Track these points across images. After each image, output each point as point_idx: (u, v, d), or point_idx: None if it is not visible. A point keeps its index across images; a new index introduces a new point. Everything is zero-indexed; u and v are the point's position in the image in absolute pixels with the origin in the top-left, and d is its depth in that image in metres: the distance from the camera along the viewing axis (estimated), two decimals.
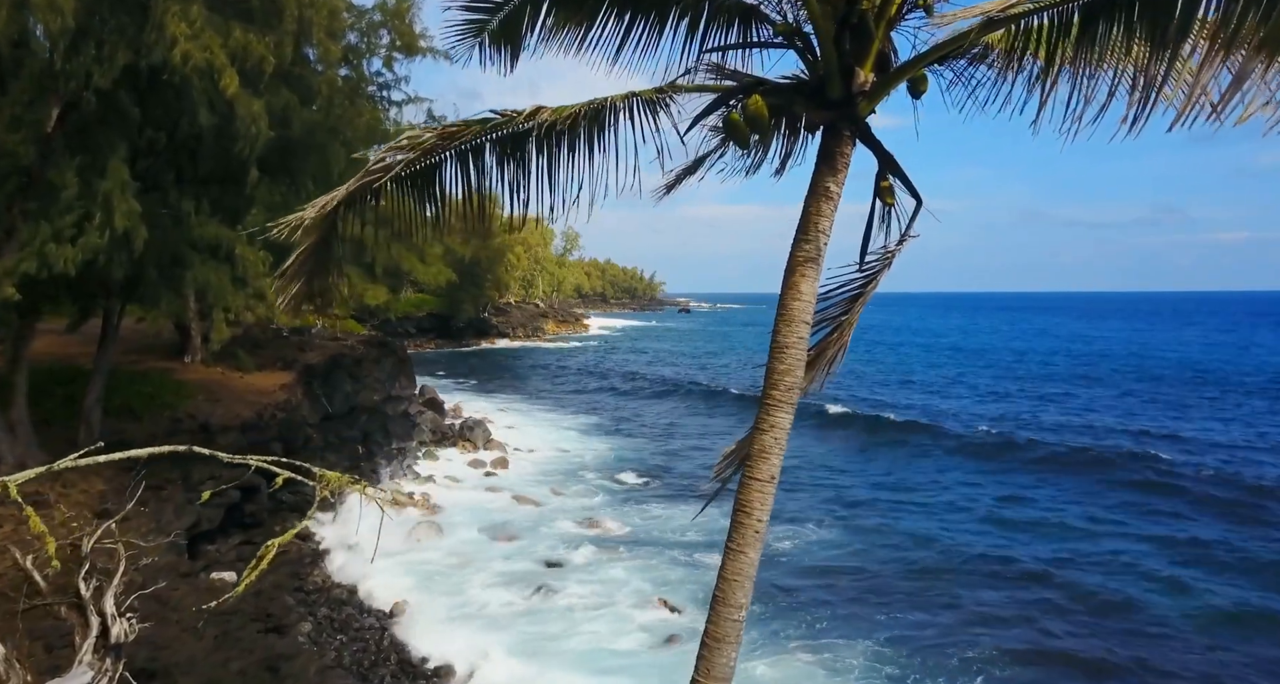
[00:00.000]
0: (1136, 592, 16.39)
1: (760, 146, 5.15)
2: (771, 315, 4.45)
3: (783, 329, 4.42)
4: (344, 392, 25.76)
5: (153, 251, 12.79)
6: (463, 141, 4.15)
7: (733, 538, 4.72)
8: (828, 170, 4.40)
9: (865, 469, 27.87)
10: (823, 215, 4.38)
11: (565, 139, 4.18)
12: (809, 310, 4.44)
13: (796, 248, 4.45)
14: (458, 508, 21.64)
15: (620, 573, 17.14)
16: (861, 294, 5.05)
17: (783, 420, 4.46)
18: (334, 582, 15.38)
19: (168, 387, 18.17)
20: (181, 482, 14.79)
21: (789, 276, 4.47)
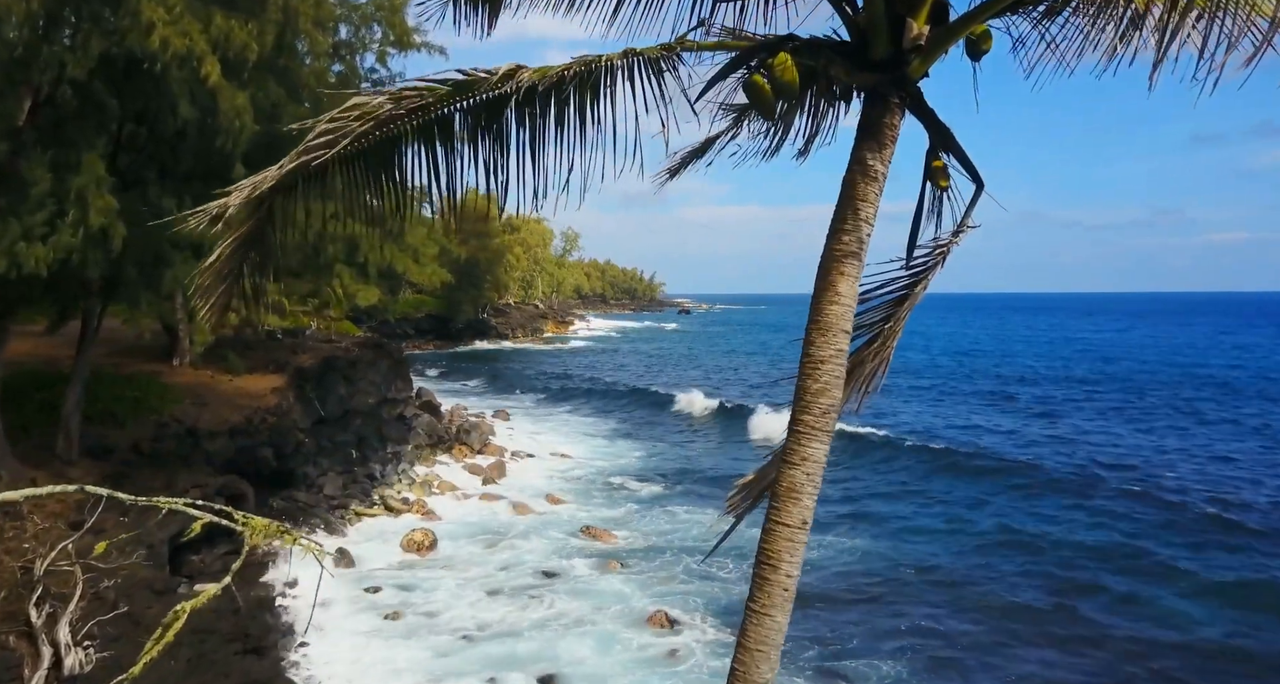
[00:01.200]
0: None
1: (784, 120, 4.47)
2: (772, 316, 3.91)
3: (816, 339, 3.75)
4: (338, 395, 25.24)
5: (133, 250, 12.24)
6: (425, 111, 3.43)
7: (755, 598, 3.97)
8: (871, 146, 3.75)
9: (884, 485, 27.33)
10: (866, 200, 3.72)
11: (551, 109, 3.51)
12: (848, 316, 3.78)
13: (833, 240, 3.80)
14: (451, 515, 21.11)
15: (618, 585, 16.59)
16: (908, 296, 4.34)
17: (817, 451, 3.80)
18: (310, 604, 14.71)
19: (154, 390, 17.63)
20: (164, 490, 14.22)
21: (824, 275, 3.82)
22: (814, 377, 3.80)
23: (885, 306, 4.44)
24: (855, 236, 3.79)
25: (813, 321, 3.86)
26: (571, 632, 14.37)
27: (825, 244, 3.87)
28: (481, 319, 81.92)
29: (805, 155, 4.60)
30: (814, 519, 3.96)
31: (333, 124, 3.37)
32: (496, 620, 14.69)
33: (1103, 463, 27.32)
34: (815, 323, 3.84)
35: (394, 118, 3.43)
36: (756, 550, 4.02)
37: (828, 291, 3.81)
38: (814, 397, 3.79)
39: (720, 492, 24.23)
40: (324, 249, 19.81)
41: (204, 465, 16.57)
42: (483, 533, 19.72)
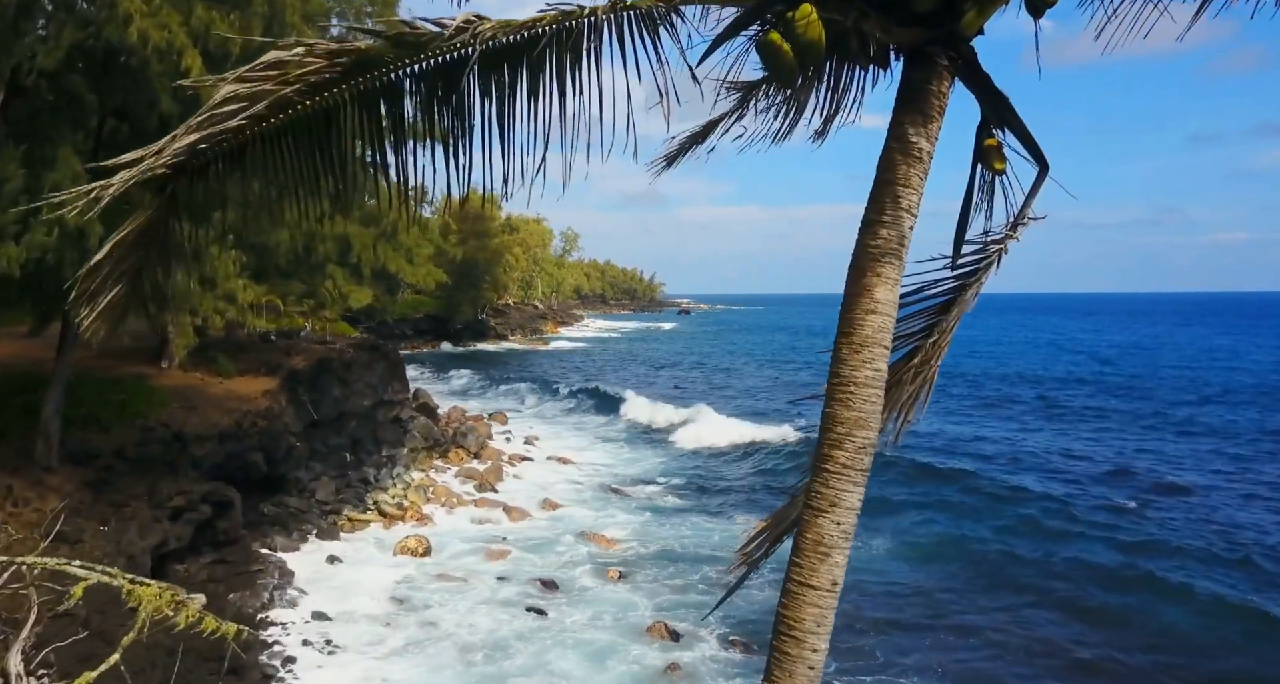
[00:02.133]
0: None
1: (798, 96, 3.88)
2: (772, 317, 3.39)
3: (849, 357, 3.20)
4: (332, 397, 24.76)
5: None
6: (364, 72, 2.77)
7: (774, 675, 3.28)
8: (914, 118, 3.18)
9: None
10: (907, 186, 3.13)
11: (523, 75, 2.87)
12: (888, 329, 3.21)
13: (868, 235, 3.23)
14: (446, 521, 20.69)
15: (617, 594, 16.17)
16: (954, 301, 3.73)
17: (850, 496, 3.22)
18: (300, 614, 14.24)
19: (140, 393, 17.13)
20: (147, 497, 13.80)
21: (857, 279, 3.24)
22: (847, 403, 3.22)
23: (926, 314, 3.83)
24: (895, 231, 3.19)
25: (844, 335, 3.28)
26: (567, 643, 13.93)
27: (858, 240, 3.28)
28: (481, 320, 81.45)
29: (823, 137, 3.96)
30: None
31: (244, 87, 2.69)
32: (490, 631, 14.25)
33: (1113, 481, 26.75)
34: (847, 337, 3.26)
35: (326, 82, 2.77)
36: (775, 617, 3.41)
37: (862, 298, 3.21)
38: (848, 428, 3.22)
39: (721, 498, 23.87)
40: (315, 249, 19.41)
41: (191, 471, 16.11)
42: (478, 539, 19.28)
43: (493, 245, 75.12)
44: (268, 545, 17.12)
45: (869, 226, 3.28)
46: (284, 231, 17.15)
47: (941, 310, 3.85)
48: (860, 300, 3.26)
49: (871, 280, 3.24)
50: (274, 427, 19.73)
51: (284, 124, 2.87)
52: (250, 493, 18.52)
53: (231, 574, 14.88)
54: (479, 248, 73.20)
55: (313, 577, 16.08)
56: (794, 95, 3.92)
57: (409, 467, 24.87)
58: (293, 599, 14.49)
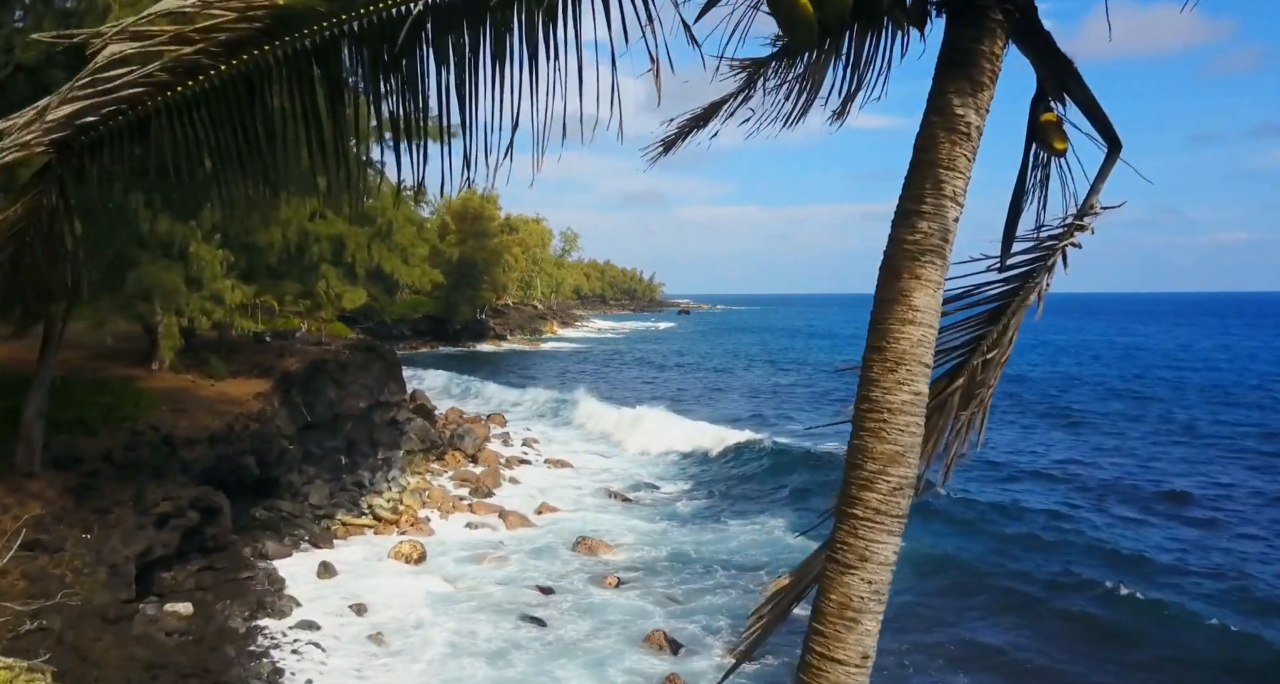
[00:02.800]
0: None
1: (813, 70, 3.35)
2: (772, 318, 2.93)
3: (883, 378, 2.73)
4: (327, 399, 24.39)
5: (94, 250, 11.45)
6: (290, 31, 2.24)
7: None
8: (960, 86, 2.71)
9: None
10: (952, 168, 2.69)
11: (486, 35, 2.36)
12: (928, 341, 2.75)
13: (904, 229, 2.78)
14: (442, 526, 20.34)
15: (616, 602, 15.81)
16: (1005, 308, 3.22)
17: (883, 549, 2.72)
18: (292, 623, 13.85)
19: (129, 396, 16.77)
20: (133, 503, 13.45)
21: (890, 282, 2.78)
22: (880, 433, 2.72)
23: (972, 324, 3.33)
24: (937, 223, 2.70)
25: (875, 350, 2.78)
26: (564, 653, 13.59)
27: (891, 235, 2.82)
28: (480, 320, 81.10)
29: (843, 117, 3.49)
30: None
31: (133, 46, 2.15)
32: (485, 640, 13.89)
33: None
34: (879, 352, 2.76)
35: (244, 42, 2.26)
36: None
37: (897, 305, 2.73)
38: (881, 465, 2.71)
39: (722, 503, 23.47)
40: (308, 249, 19.05)
41: (180, 475, 15.76)
42: (474, 545, 18.93)
43: (491, 245, 74.77)
44: (259, 551, 16.77)
45: (905, 218, 2.79)
46: (275, 230, 16.81)
47: (990, 319, 3.33)
48: (895, 308, 2.75)
49: (908, 284, 2.74)
50: (266, 429, 19.39)
51: (195, 93, 2.37)
52: (242, 497, 18.17)
53: (220, 582, 14.53)
54: (478, 248, 72.86)
55: (304, 584, 15.72)
56: (809, 71, 3.43)
57: (405, 470, 24.53)
58: (283, 608, 14.12)
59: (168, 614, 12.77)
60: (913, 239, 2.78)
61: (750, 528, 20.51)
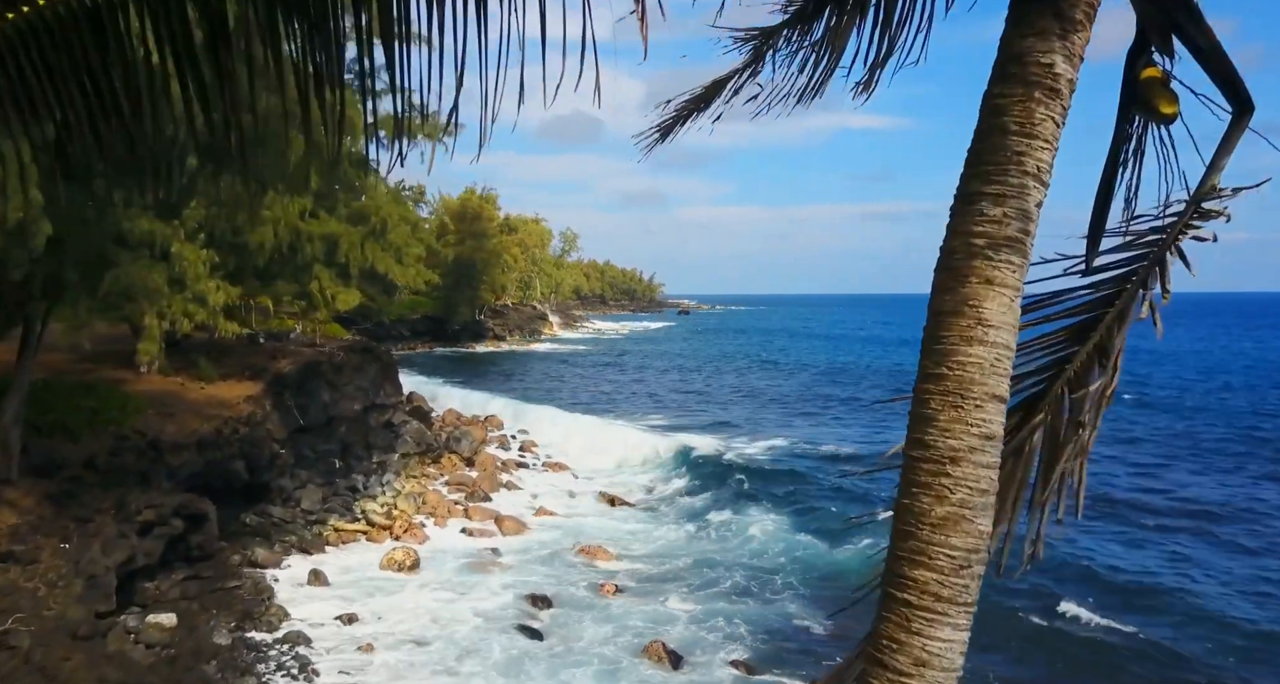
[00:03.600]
0: None
1: (834, 36, 2.82)
2: (772, 318, 2.35)
3: (941, 413, 2.16)
4: (320, 401, 23.99)
5: (73, 249, 11.03)
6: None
7: None
8: (1046, 24, 2.15)
9: None
10: (1034, 136, 2.13)
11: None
12: (1004, 366, 2.18)
13: (968, 217, 2.21)
14: (437, 531, 19.92)
15: (613, 611, 15.38)
16: (1096, 321, 2.61)
17: (948, 651, 2.12)
18: (279, 635, 13.38)
19: (114, 400, 16.34)
20: (115, 511, 13.01)
21: (950, 286, 2.23)
22: (939, 491, 2.13)
23: (1048, 342, 2.69)
24: (1015, 209, 2.13)
25: (931, 378, 2.20)
26: (560, 664, 13.17)
27: (951, 225, 2.24)
28: (478, 321, 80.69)
29: (870, 89, 2.91)
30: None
31: None
32: (479, 652, 13.46)
33: None
34: (936, 381, 2.19)
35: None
36: None
37: (960, 319, 2.15)
38: (941, 534, 2.12)
39: (722, 508, 23.01)
40: (301, 249, 18.63)
41: (166, 482, 15.35)
42: (469, 552, 18.50)
43: (490, 245, 74.32)
44: (248, 559, 16.35)
45: (971, 204, 2.19)
46: (266, 230, 16.39)
47: (1074, 337, 2.68)
48: (957, 322, 2.14)
49: (976, 290, 2.13)
50: (256, 433, 18.97)
51: (19, 29, 1.79)
52: (231, 502, 17.75)
53: (206, 591, 14.10)
54: (476, 248, 72.43)
55: (293, 593, 15.30)
56: (829, 36, 2.89)
57: (400, 474, 24.10)
58: (270, 619, 13.68)
59: (150, 626, 12.35)
60: (982, 231, 2.16)
61: (750, 533, 20.08)
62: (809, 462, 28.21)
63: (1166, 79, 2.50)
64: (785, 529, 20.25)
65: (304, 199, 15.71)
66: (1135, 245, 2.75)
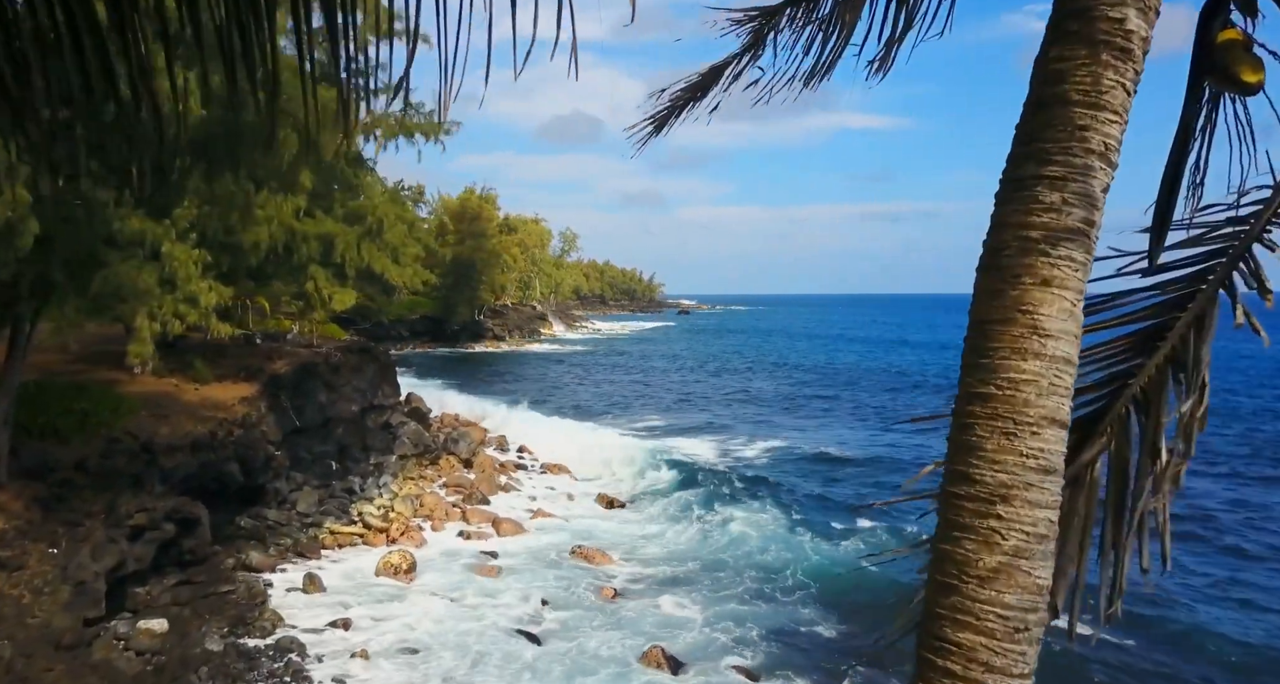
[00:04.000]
0: None
1: (843, 12, 2.52)
2: (773, 319, 2.01)
3: (987, 441, 1.84)
4: (317, 402, 23.77)
5: (61, 248, 10.83)
6: None
7: None
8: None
9: None
10: (1102, 107, 1.82)
11: None
12: (1066, 383, 1.86)
13: (1019, 205, 1.88)
14: (434, 535, 19.70)
15: (612, 615, 15.17)
16: (1163, 328, 2.26)
17: None
18: (272, 640, 13.14)
19: (106, 402, 16.11)
20: (105, 515, 12.80)
21: (997, 290, 1.90)
22: (988, 537, 1.81)
23: (1113, 350, 2.33)
24: (1079, 193, 1.82)
25: (975, 398, 1.89)
26: (558, 669, 12.96)
27: (996, 217, 1.93)
28: (478, 321, 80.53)
29: (885, 68, 2.60)
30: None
31: None
32: (476, 657, 13.24)
33: None
34: (983, 402, 1.88)
35: None
36: None
37: (1011, 328, 1.83)
38: (991, 588, 1.78)
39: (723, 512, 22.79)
40: (296, 249, 18.41)
41: (159, 485, 15.13)
42: (467, 556, 18.29)
43: (490, 245, 74.14)
44: (242, 563, 16.14)
45: (1022, 189, 1.85)
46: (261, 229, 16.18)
47: (1138, 347, 2.31)
48: (1008, 331, 1.82)
49: (1031, 293, 1.80)
50: (252, 435, 18.76)
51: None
52: (226, 506, 17.55)
53: (198, 596, 13.89)
54: (476, 248, 72.26)
55: (288, 597, 15.09)
56: (838, 11, 2.59)
57: (397, 476, 23.89)
58: (263, 625, 13.46)
59: (140, 632, 12.14)
60: (1037, 221, 1.81)
61: (751, 537, 19.87)
62: (809, 465, 28.05)
63: (1249, 42, 2.16)
64: (787, 533, 20.04)
65: (298, 198, 15.46)
66: (1208, 239, 2.38)
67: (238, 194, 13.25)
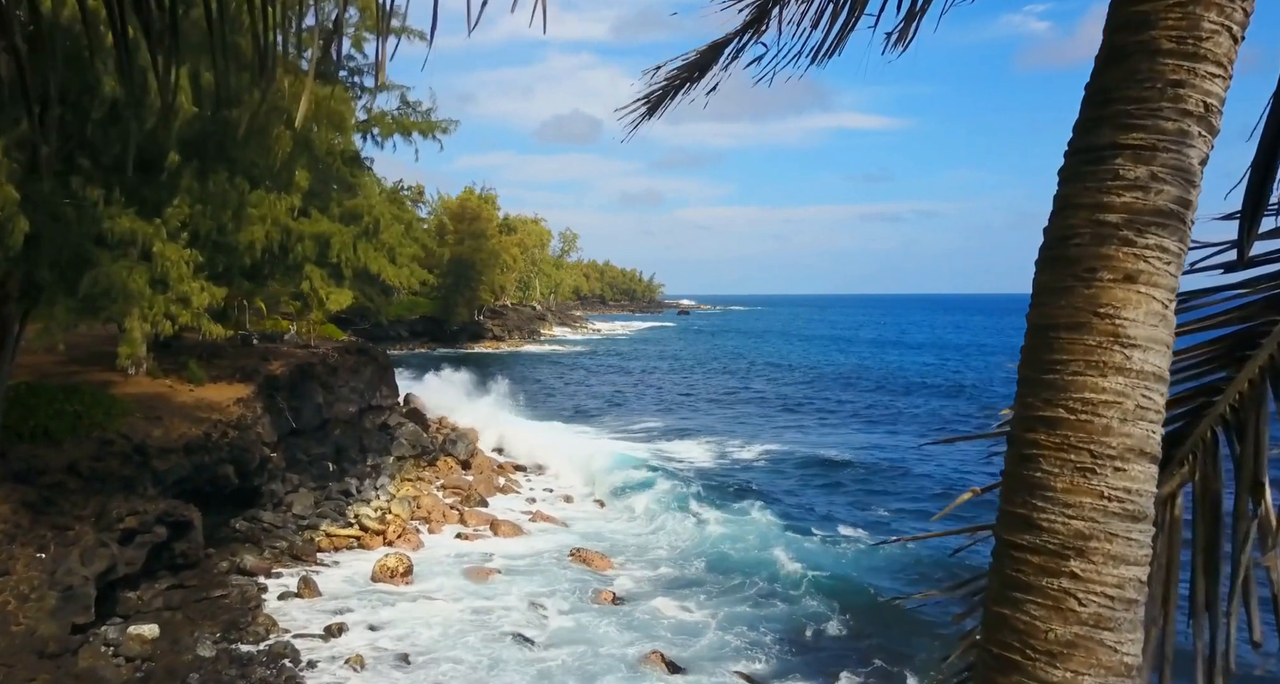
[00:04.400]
0: None
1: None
2: (774, 319, 1.77)
3: (1059, 477, 1.48)
4: (314, 404, 23.57)
5: (48, 248, 10.62)
6: None
7: None
8: None
9: None
10: (1201, 57, 1.45)
11: None
12: (1155, 405, 1.50)
13: (1091, 183, 1.53)
14: (431, 537, 19.50)
15: (611, 619, 14.96)
16: (1267, 332, 1.86)
17: None
18: (265, 645, 12.91)
19: (99, 403, 15.91)
20: (95, 519, 12.60)
21: (1068, 287, 1.55)
22: (1060, 602, 1.47)
23: (1192, 359, 1.94)
24: (1172, 165, 1.48)
25: (1039, 422, 1.53)
26: (556, 674, 12.76)
27: (1062, 196, 1.60)
28: (477, 321, 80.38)
29: (905, 41, 2.36)
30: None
31: None
32: (473, 662, 13.05)
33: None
34: (1047, 427, 1.52)
35: None
36: None
37: (1085, 334, 1.50)
38: (1063, 664, 1.44)
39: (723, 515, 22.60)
40: (292, 248, 18.21)
41: (151, 487, 14.92)
42: (464, 558, 18.08)
43: (489, 246, 74.01)
44: (236, 566, 15.94)
45: (1099, 162, 1.52)
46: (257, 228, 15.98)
47: (1225, 356, 1.91)
48: (1081, 341, 1.49)
49: (1112, 292, 1.49)
50: (247, 436, 18.55)
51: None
52: (220, 508, 17.35)
53: (191, 600, 13.69)
54: (475, 248, 72.13)
55: (282, 602, 14.89)
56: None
57: (394, 477, 23.69)
58: (256, 630, 13.25)
59: (130, 637, 11.94)
60: (1119, 201, 1.47)
61: (751, 540, 19.68)
62: (809, 468, 27.85)
63: None
64: (787, 537, 19.83)
65: (293, 197, 15.26)
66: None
67: (231, 192, 13.04)
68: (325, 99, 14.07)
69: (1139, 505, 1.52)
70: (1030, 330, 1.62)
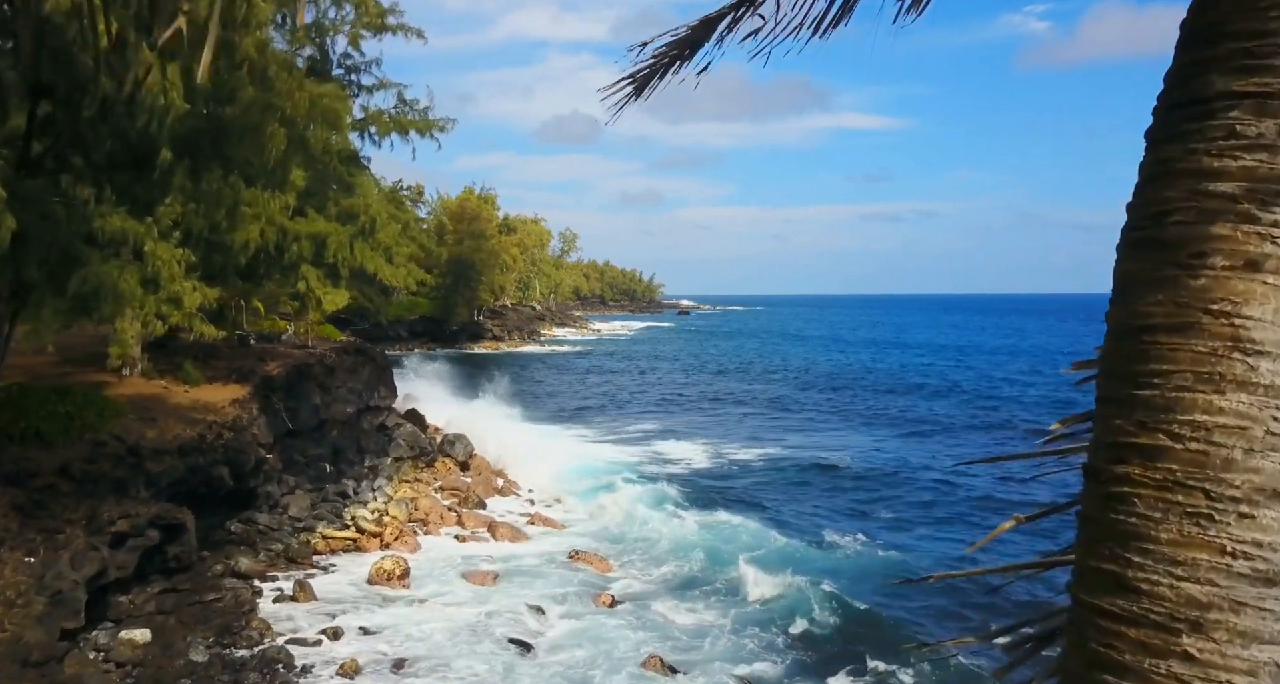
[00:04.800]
0: None
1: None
2: (772, 318, 1.74)
3: (1162, 524, 1.05)
4: (311, 404, 23.39)
5: (36, 247, 10.45)
6: None
7: None
8: None
9: None
10: None
11: None
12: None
13: (1196, 144, 1.12)
14: (428, 540, 19.32)
15: (610, 622, 14.79)
16: None
17: None
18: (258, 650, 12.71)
19: (92, 405, 15.73)
20: (86, 522, 12.41)
21: (1170, 276, 1.13)
22: (1170, 674, 1.05)
23: None
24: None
25: (1129, 452, 1.09)
26: (553, 679, 12.58)
27: (1154, 160, 1.20)
28: (476, 322, 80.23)
29: (920, 8, 2.12)
30: None
31: None
32: (469, 667, 12.86)
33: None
34: (1141, 457, 1.07)
35: None
36: None
37: (1192, 338, 1.09)
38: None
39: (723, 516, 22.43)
40: (288, 247, 18.05)
41: (145, 490, 14.75)
42: (461, 560, 17.90)
43: (489, 246, 73.91)
44: (231, 569, 15.77)
45: (1200, 117, 1.15)
46: (253, 227, 15.82)
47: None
48: (1187, 346, 1.11)
49: (1228, 284, 1.11)
50: (242, 438, 18.37)
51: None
52: (216, 510, 17.18)
53: (184, 604, 13.52)
54: (475, 248, 71.99)
55: (276, 605, 14.71)
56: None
57: (392, 479, 23.52)
58: (250, 634, 13.08)
59: (122, 643, 11.77)
60: (1234, 166, 1.12)
61: (751, 543, 19.50)
62: (809, 471, 27.67)
63: None
64: (786, 541, 19.65)
65: (288, 196, 15.10)
66: None
67: (225, 191, 12.87)
68: (320, 96, 13.89)
69: (1273, 564, 1.12)
70: (1113, 332, 1.28)
